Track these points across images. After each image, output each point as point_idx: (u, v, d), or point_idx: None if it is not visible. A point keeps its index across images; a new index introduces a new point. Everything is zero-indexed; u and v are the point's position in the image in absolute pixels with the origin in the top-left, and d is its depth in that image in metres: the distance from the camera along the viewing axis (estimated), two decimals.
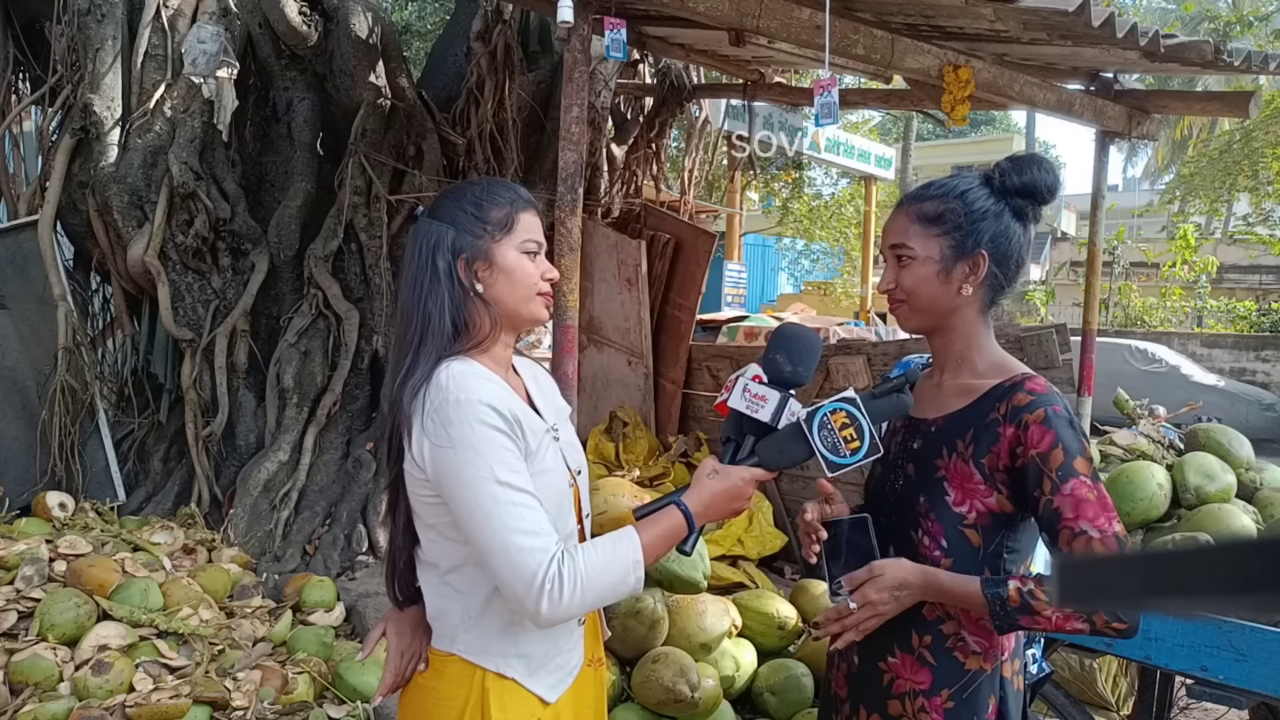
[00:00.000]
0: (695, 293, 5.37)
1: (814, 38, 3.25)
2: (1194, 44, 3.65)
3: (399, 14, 12.66)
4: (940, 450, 1.47)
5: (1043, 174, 1.47)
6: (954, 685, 1.44)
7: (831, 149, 11.70)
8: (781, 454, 1.45)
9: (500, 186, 1.48)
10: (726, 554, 3.98)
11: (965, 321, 1.51)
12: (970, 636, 1.44)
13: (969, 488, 1.44)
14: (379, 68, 4.60)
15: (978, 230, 1.47)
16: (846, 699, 1.57)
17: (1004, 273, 1.50)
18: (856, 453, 1.41)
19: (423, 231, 1.44)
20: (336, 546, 4.37)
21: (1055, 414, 1.38)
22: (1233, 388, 12.57)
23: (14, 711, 2.65)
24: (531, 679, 1.41)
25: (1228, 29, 19.00)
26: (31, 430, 4.36)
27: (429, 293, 1.39)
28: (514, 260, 1.44)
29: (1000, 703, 1.45)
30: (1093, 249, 4.78)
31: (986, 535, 1.44)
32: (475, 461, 1.30)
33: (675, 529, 1.40)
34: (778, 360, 1.48)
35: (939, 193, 1.50)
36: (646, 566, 1.37)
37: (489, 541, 1.30)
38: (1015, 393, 1.42)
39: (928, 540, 1.47)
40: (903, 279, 1.51)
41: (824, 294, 19.32)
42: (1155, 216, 23.54)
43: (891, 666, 1.49)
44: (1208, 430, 2.90)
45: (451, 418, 1.31)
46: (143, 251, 4.38)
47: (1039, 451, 1.36)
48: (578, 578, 1.29)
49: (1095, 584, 0.47)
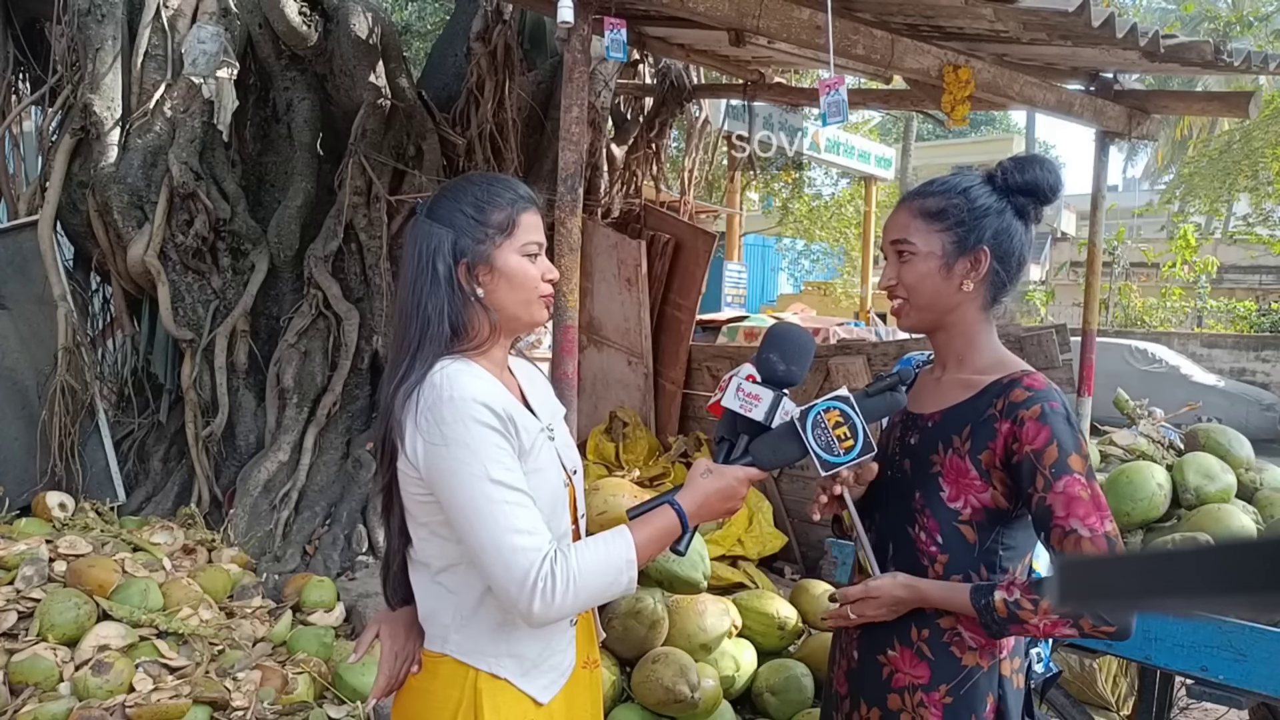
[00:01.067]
0: (695, 293, 5.37)
1: (814, 38, 3.25)
2: (1194, 44, 3.65)
3: (399, 14, 12.66)
4: (936, 445, 1.47)
5: (1045, 173, 1.47)
6: (951, 681, 1.44)
7: (831, 149, 11.70)
8: (775, 453, 1.45)
9: (500, 186, 1.46)
10: (726, 554, 3.99)
11: (966, 319, 1.51)
12: (967, 633, 1.44)
13: (964, 483, 1.43)
14: (379, 68, 4.60)
15: (980, 226, 1.46)
16: (847, 695, 1.57)
17: (1005, 270, 1.49)
18: (850, 451, 1.40)
19: (422, 234, 1.42)
20: (336, 546, 4.37)
21: (1052, 410, 1.38)
22: (1233, 388, 12.58)
23: (14, 711, 2.65)
24: (525, 679, 1.40)
25: (1228, 29, 18.99)
26: (31, 430, 4.36)
27: (428, 297, 1.38)
28: (515, 264, 1.42)
29: (999, 701, 1.45)
30: (1093, 249, 4.78)
31: (981, 531, 1.44)
32: (468, 459, 1.29)
33: (669, 528, 1.39)
34: (771, 359, 1.48)
35: (941, 189, 1.50)
36: (640, 566, 1.36)
37: (481, 540, 1.29)
38: (1012, 388, 1.41)
39: (924, 536, 1.47)
40: (904, 275, 1.50)
41: (824, 294, 19.32)
42: (1155, 216, 23.54)
43: (891, 660, 1.49)
44: (1208, 430, 2.90)
45: (445, 416, 1.31)
46: (143, 251, 4.38)
47: (1033, 448, 1.36)
48: (570, 577, 1.28)
49: (1096, 584, 0.47)
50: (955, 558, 1.44)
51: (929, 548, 1.46)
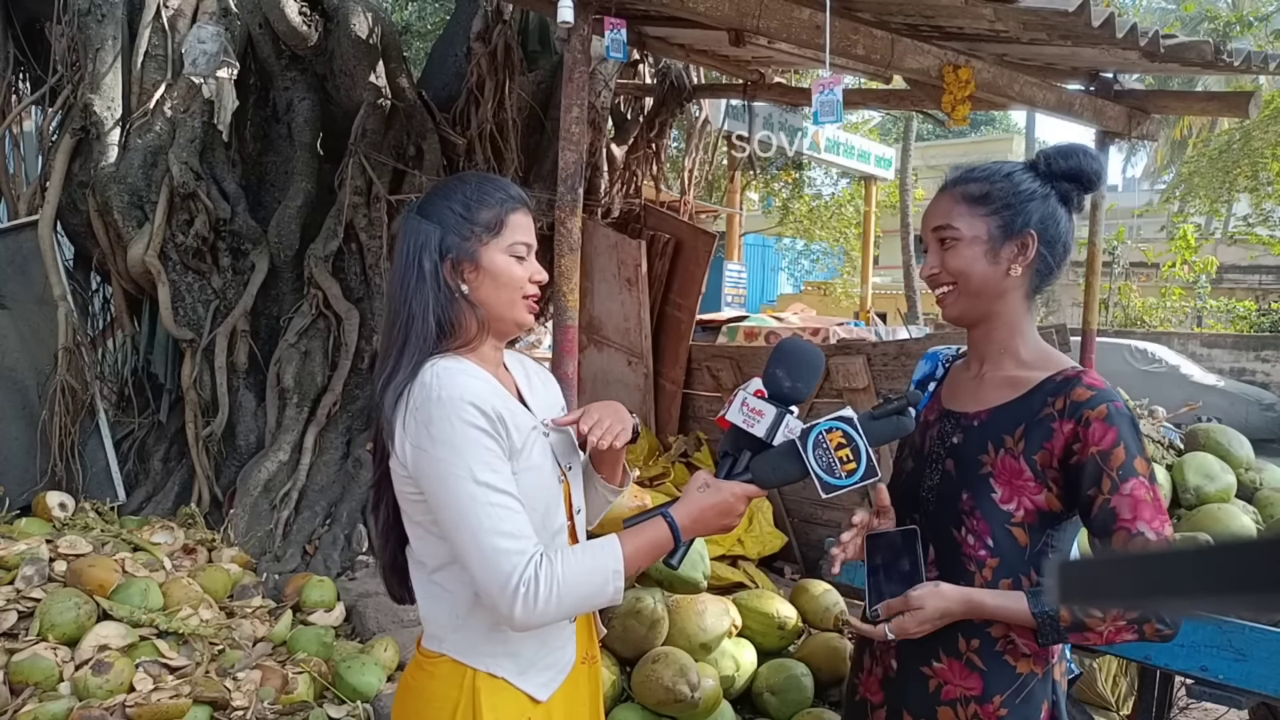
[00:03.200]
0: (695, 293, 5.37)
1: (814, 38, 3.25)
2: (1194, 44, 3.65)
3: (399, 14, 12.66)
4: (985, 445, 1.42)
5: (1089, 160, 1.45)
6: (1006, 690, 1.39)
7: (831, 149, 11.70)
8: (775, 471, 1.41)
9: (491, 186, 1.46)
10: (726, 554, 3.99)
11: (1011, 307, 1.46)
12: (1019, 640, 1.39)
13: (1018, 484, 1.38)
14: (379, 68, 4.60)
15: (1026, 210, 1.42)
16: (882, 704, 1.51)
17: (1052, 256, 1.45)
18: (852, 474, 1.35)
19: (410, 230, 1.42)
20: (336, 546, 4.37)
21: (1117, 411, 1.33)
22: (1233, 388, 12.58)
23: (14, 711, 2.65)
24: (522, 678, 1.40)
25: (1228, 29, 18.97)
26: (31, 430, 4.36)
27: (414, 293, 1.38)
28: (501, 263, 1.42)
29: (1053, 706, 1.42)
30: (1092, 249, 4.78)
31: (1033, 534, 1.39)
32: (454, 460, 1.29)
33: (660, 541, 1.38)
34: (777, 375, 1.44)
35: (984, 175, 1.46)
36: (628, 577, 1.35)
37: (465, 542, 1.29)
38: (1073, 387, 1.36)
39: (972, 539, 1.41)
40: (949, 261, 1.45)
41: (824, 294, 19.35)
42: (1155, 216, 23.53)
43: (938, 672, 1.43)
44: (1208, 430, 2.90)
45: (433, 415, 1.31)
46: (143, 251, 4.39)
47: (1100, 449, 1.32)
48: (554, 583, 1.27)
49: (1096, 584, 0.47)
50: (1006, 561, 1.39)
51: (977, 551, 1.40)
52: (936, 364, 1.66)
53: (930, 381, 1.64)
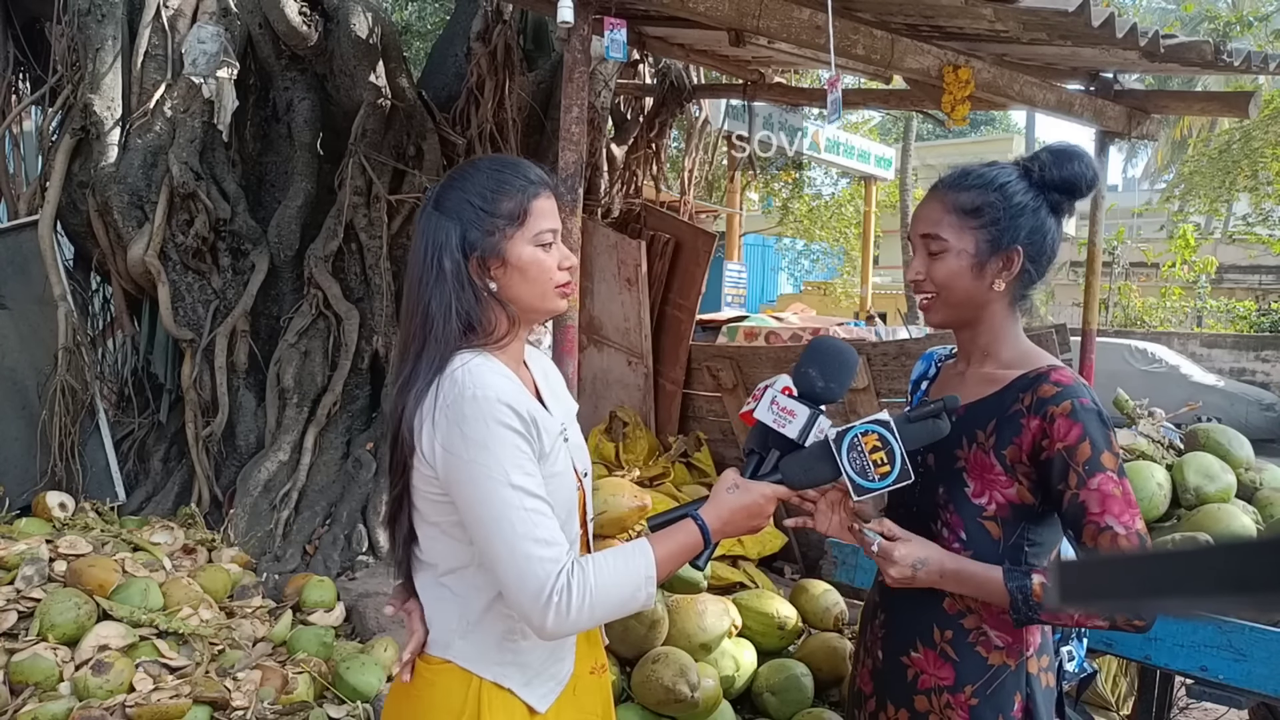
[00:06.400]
0: (695, 293, 5.37)
1: (814, 38, 3.25)
2: (1194, 44, 3.65)
3: (399, 14, 12.65)
4: (960, 440, 1.44)
5: (1083, 168, 1.45)
6: (977, 681, 1.42)
7: (831, 149, 11.71)
8: (806, 473, 1.39)
9: (510, 171, 1.36)
10: (726, 554, 3.98)
11: (994, 315, 1.48)
12: (992, 631, 1.42)
13: (989, 479, 1.41)
14: (379, 68, 4.60)
15: (1015, 226, 1.43)
16: (872, 694, 1.56)
17: (1036, 268, 1.47)
18: (886, 477, 1.35)
19: (427, 228, 1.34)
20: (336, 546, 4.37)
21: (1083, 406, 1.35)
22: (1233, 388, 12.57)
23: (14, 711, 2.65)
24: (526, 688, 1.35)
25: (1228, 29, 18.97)
26: (31, 430, 4.36)
27: (432, 295, 1.31)
28: (529, 256, 1.34)
29: (1027, 700, 1.43)
30: (1092, 249, 4.78)
31: (1006, 527, 1.42)
32: (488, 462, 1.23)
33: (691, 544, 1.33)
34: (810, 374, 1.42)
35: (978, 183, 1.46)
36: (660, 582, 1.30)
37: (497, 548, 1.23)
38: (1040, 384, 1.39)
39: (947, 532, 1.44)
40: (934, 271, 1.46)
41: (824, 294, 19.35)
42: (1155, 216, 23.54)
43: (915, 662, 1.47)
44: (1207, 430, 2.89)
45: (466, 414, 1.24)
46: (143, 251, 4.39)
47: (1065, 444, 1.34)
48: (587, 591, 1.22)
49: (1096, 584, 0.47)
50: (979, 554, 1.41)
51: (952, 544, 1.43)
52: (931, 364, 1.70)
53: (924, 381, 1.69)
